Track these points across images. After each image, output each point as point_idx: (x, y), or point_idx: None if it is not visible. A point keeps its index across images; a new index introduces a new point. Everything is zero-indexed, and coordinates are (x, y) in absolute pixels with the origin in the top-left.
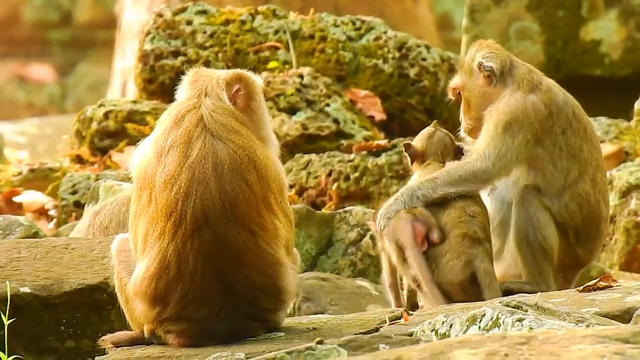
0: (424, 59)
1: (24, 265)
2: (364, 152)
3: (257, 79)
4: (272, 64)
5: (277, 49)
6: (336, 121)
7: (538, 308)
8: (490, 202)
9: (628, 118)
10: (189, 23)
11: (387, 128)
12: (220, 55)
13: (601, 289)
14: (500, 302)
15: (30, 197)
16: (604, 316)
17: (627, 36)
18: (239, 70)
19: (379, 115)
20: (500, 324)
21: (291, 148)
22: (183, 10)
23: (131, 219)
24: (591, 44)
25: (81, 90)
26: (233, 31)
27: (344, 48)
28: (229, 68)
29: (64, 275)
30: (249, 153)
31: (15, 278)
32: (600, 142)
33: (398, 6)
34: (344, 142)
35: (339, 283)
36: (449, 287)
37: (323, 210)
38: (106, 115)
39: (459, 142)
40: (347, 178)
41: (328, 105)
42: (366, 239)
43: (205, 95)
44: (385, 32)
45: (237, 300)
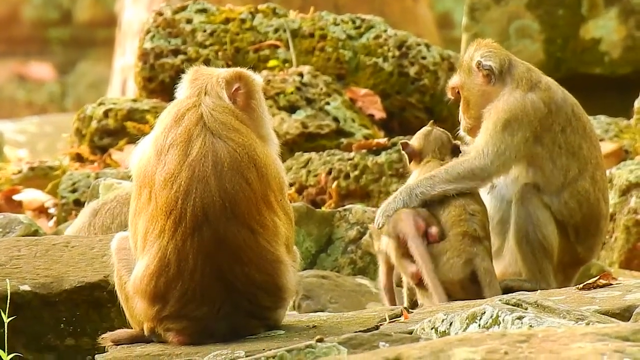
0: (424, 58)
1: (24, 263)
2: (363, 151)
3: (257, 78)
4: (272, 63)
5: (277, 47)
6: (336, 119)
7: (538, 306)
8: (490, 200)
9: (628, 116)
10: (189, 21)
11: (387, 126)
12: (220, 54)
13: (601, 286)
14: (500, 300)
15: (30, 196)
16: (603, 314)
17: (627, 35)
18: (238, 69)
19: (379, 114)
20: (500, 321)
21: (291, 146)
22: (183, 8)
23: (131, 217)
24: (591, 42)
25: (81, 89)
26: (233, 30)
27: (344, 46)
28: (229, 66)
29: (63, 273)
30: (249, 151)
31: (15, 276)
32: (600, 140)
33: (398, 5)
34: (343, 141)
35: (338, 281)
36: (449, 285)
37: (323, 209)
38: (106, 114)
39: (456, 141)
40: (347, 176)
41: (328, 103)
42: (366, 237)
43: (205, 93)
44: (385, 31)
45: (237, 298)
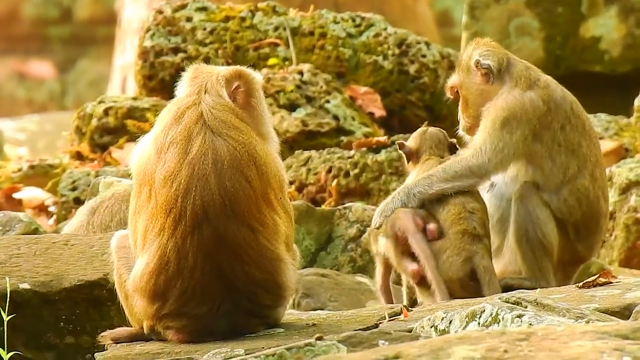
0: (423, 56)
1: (24, 261)
2: (363, 149)
3: (257, 76)
4: (272, 61)
5: (277, 45)
6: (336, 118)
7: (537, 304)
8: (489, 199)
9: (628, 115)
10: (188, 20)
11: (387, 124)
12: (220, 52)
13: (601, 285)
14: (500, 299)
15: (30, 194)
16: (603, 312)
17: (626, 33)
18: (238, 67)
19: (379, 112)
20: (499, 320)
21: (291, 144)
22: (183, 6)
23: (131, 215)
24: (591, 40)
25: (81, 87)
26: (233, 28)
27: (344, 45)
28: (228, 65)
29: (63, 271)
30: (249, 149)
31: (14, 274)
32: (600, 138)
33: (398, 3)
34: (343, 139)
35: (338, 279)
36: (448, 283)
37: (323, 207)
38: (106, 112)
39: (452, 139)
40: (346, 174)
41: (328, 101)
42: (365, 235)
43: (205, 91)
44: (385, 29)
45: (237, 296)
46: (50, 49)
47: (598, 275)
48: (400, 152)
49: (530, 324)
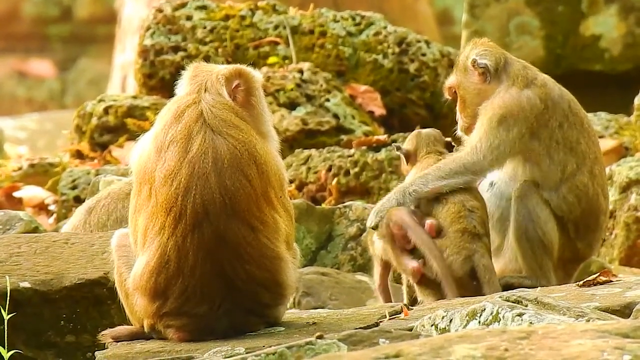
0: (423, 54)
1: (24, 260)
2: (363, 147)
3: (257, 74)
4: (272, 59)
5: (277, 44)
6: (336, 116)
7: (538, 303)
8: (489, 198)
9: (628, 113)
10: (189, 18)
11: (387, 123)
12: (220, 51)
13: (601, 283)
14: (500, 297)
15: (30, 192)
16: (604, 311)
17: (627, 31)
18: (238, 66)
19: (379, 111)
20: (500, 318)
21: (291, 143)
22: (183, 5)
23: (131, 213)
24: (591, 39)
25: (81, 86)
26: (233, 26)
27: (344, 43)
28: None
29: (64, 270)
30: (249, 148)
31: (15, 273)
32: (600, 137)
33: (398, 1)
34: (343, 137)
35: (339, 278)
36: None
37: (323, 205)
38: (106, 111)
39: (448, 138)
40: (347, 173)
41: (328, 100)
42: (365, 234)
43: (205, 90)
44: (385, 28)
45: (237, 295)
46: (50, 47)
47: (598, 274)
48: (398, 153)
49: (531, 322)
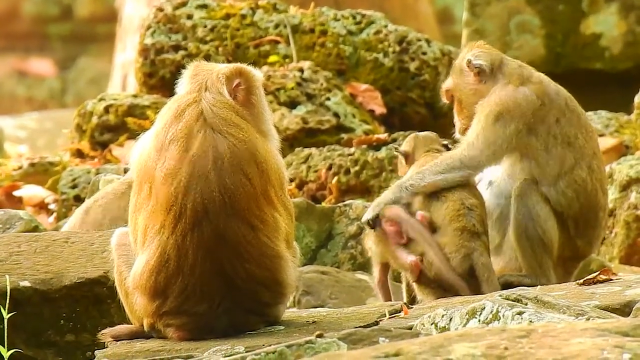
0: (424, 53)
1: (24, 259)
2: (364, 146)
3: (257, 73)
4: (272, 58)
5: (277, 43)
6: (336, 115)
7: (538, 301)
8: (488, 196)
9: (628, 112)
10: (189, 17)
11: (387, 122)
12: (220, 50)
13: (601, 282)
14: (500, 296)
15: (31, 191)
16: (603, 309)
17: (627, 30)
18: (239, 65)
19: (379, 109)
20: (500, 317)
21: (291, 142)
22: (183, 4)
23: (131, 212)
24: (591, 37)
25: (81, 85)
26: (233, 25)
27: (344, 42)
28: (229, 62)
29: (63, 269)
30: (249, 147)
31: (15, 272)
32: (600, 135)
33: (398, 0)
34: (344, 136)
35: (338, 276)
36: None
37: (323, 204)
38: (106, 110)
39: (444, 141)
40: (347, 172)
41: (328, 99)
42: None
43: (206, 89)
44: (386, 26)
45: (237, 293)
46: (50, 46)
47: (598, 273)
48: (396, 153)
49: (531, 321)
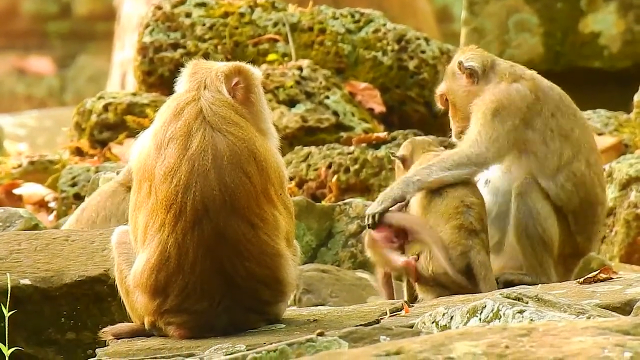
0: (423, 52)
1: (24, 257)
2: (363, 145)
3: (256, 72)
4: (271, 57)
5: (276, 41)
6: (336, 113)
7: (539, 300)
8: (485, 194)
9: (627, 110)
10: (188, 15)
11: (386, 120)
12: (219, 48)
13: (601, 281)
14: (501, 294)
15: (30, 190)
16: (604, 308)
17: (626, 28)
18: (238, 63)
19: (379, 108)
20: (501, 315)
21: (291, 140)
22: (182, 2)
23: (131, 211)
24: (590, 36)
25: (80, 83)
26: (232, 23)
27: (343, 40)
28: (228, 60)
29: (64, 267)
30: (249, 145)
31: (15, 270)
32: (599, 134)
33: None
34: (343, 135)
35: (339, 275)
36: (444, 278)
37: (323, 203)
38: (106, 108)
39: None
40: (346, 170)
41: (327, 97)
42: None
43: (205, 87)
44: (385, 25)
45: (237, 292)
46: (49, 44)
47: (599, 271)
48: (393, 158)
49: (532, 319)
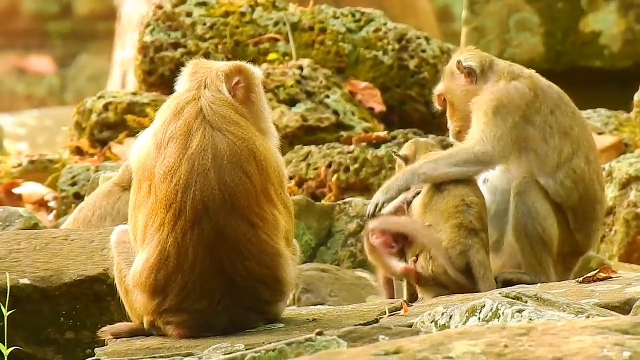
0: (423, 51)
1: (24, 256)
2: (363, 144)
3: (257, 71)
4: (271, 56)
5: (276, 40)
6: (336, 113)
7: (538, 299)
8: (484, 193)
9: (627, 109)
10: (188, 15)
11: (386, 119)
12: (219, 47)
13: (601, 280)
14: (500, 293)
15: (30, 189)
16: (603, 307)
17: (626, 28)
18: (238, 62)
19: (379, 107)
20: (499, 315)
21: (291, 139)
22: (183, 2)
23: (130, 210)
24: (591, 35)
25: (81, 82)
26: (233, 23)
27: (344, 40)
28: (228, 60)
29: (63, 266)
30: (249, 144)
31: (14, 269)
32: (599, 133)
33: None
34: (343, 134)
35: (338, 274)
36: (443, 277)
37: (323, 202)
38: (106, 107)
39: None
40: (346, 169)
41: (328, 96)
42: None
43: (205, 87)
44: (385, 24)
45: (237, 291)
46: (50, 44)
47: (598, 270)
48: (395, 157)
49: (531, 318)
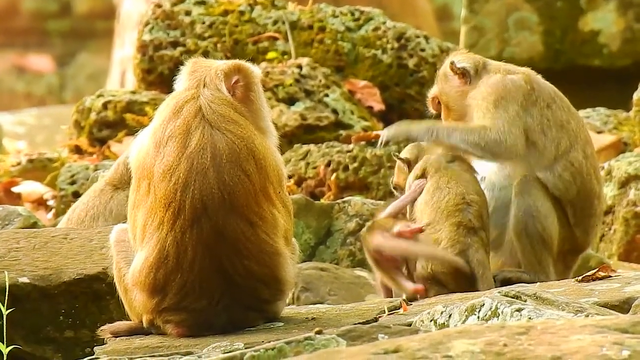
0: (422, 50)
1: (23, 255)
2: (362, 143)
3: (256, 70)
4: (270, 55)
5: (275, 39)
6: (335, 111)
7: (537, 298)
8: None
9: (627, 108)
10: (187, 13)
11: (385, 118)
12: (219, 46)
13: (600, 279)
14: (499, 292)
15: (29, 188)
16: (602, 306)
17: (625, 27)
18: (237, 61)
19: (378, 106)
20: (499, 314)
21: (290, 138)
22: (182, 0)
23: (130, 209)
24: (590, 34)
25: (80, 81)
26: (232, 22)
27: (343, 38)
28: (227, 58)
29: (62, 265)
30: (248, 143)
31: (14, 268)
32: (598, 132)
33: None
34: (342, 133)
35: (337, 273)
36: (442, 276)
37: (322, 201)
38: (105, 106)
39: None
40: (345, 168)
41: (327, 95)
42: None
43: (204, 85)
44: (384, 23)
45: (236, 290)
46: (49, 42)
47: (597, 269)
48: (398, 160)
49: (530, 317)
